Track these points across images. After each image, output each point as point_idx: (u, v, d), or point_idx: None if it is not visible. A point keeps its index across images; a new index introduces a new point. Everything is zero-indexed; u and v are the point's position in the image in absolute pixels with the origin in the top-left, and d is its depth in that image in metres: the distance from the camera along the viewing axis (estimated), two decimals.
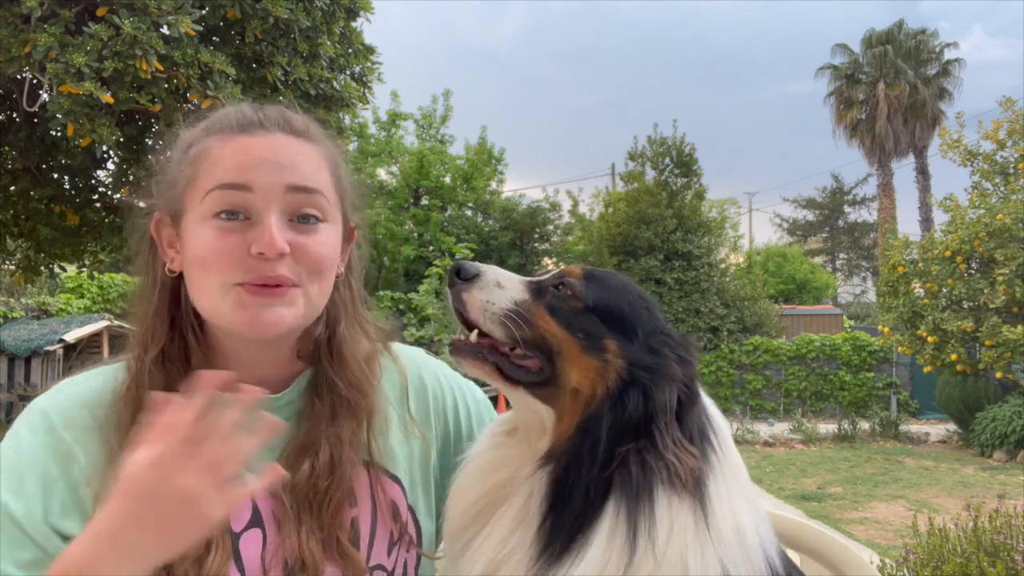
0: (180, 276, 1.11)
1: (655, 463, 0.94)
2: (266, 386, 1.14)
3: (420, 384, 1.29)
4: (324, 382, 1.16)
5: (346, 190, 1.16)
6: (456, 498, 1.10)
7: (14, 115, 6.37)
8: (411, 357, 1.33)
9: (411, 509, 1.20)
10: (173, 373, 1.08)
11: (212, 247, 1.03)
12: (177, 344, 1.11)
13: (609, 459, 0.96)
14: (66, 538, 1.00)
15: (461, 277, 1.07)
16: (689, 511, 0.94)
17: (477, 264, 1.08)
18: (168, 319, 1.11)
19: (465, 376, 1.31)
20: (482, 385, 1.29)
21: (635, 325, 1.05)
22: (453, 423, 1.31)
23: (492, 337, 1.05)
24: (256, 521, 1.08)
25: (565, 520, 0.95)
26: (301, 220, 1.06)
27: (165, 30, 5.19)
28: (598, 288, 1.07)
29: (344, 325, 1.18)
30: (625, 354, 1.02)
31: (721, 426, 1.05)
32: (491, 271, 1.08)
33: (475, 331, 1.07)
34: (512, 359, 1.05)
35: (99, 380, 1.11)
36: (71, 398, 1.09)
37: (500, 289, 1.05)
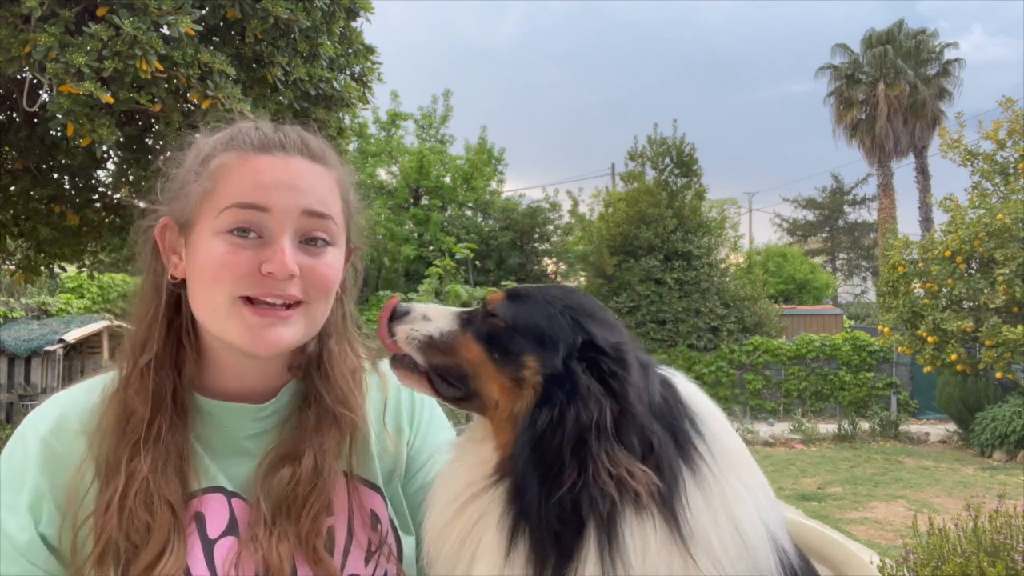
0: (181, 283, 1.13)
1: (596, 489, 0.92)
2: (254, 395, 1.17)
3: (397, 402, 1.31)
4: (312, 394, 1.19)
5: (352, 214, 1.21)
6: (431, 520, 1.11)
7: (14, 115, 6.37)
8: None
9: (392, 520, 1.21)
10: (163, 379, 1.10)
11: (223, 260, 1.05)
12: (170, 350, 1.13)
13: (549, 481, 0.94)
14: (50, 546, 1.03)
15: (395, 316, 1.14)
16: (660, 530, 0.91)
17: (412, 304, 1.16)
18: (165, 325, 1.13)
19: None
20: None
21: (556, 340, 1.03)
22: (422, 441, 1.32)
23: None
24: (231, 529, 1.09)
25: (544, 552, 0.94)
26: (310, 242, 1.10)
27: (165, 30, 5.19)
28: (519, 306, 1.09)
29: (335, 340, 1.22)
30: (544, 370, 1.01)
31: (708, 420, 1.03)
32: (422, 308, 1.15)
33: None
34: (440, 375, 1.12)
35: (89, 390, 1.14)
36: (62, 407, 1.12)
37: (426, 321, 1.12)
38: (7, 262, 7.95)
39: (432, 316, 1.13)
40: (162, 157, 1.38)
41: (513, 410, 1.02)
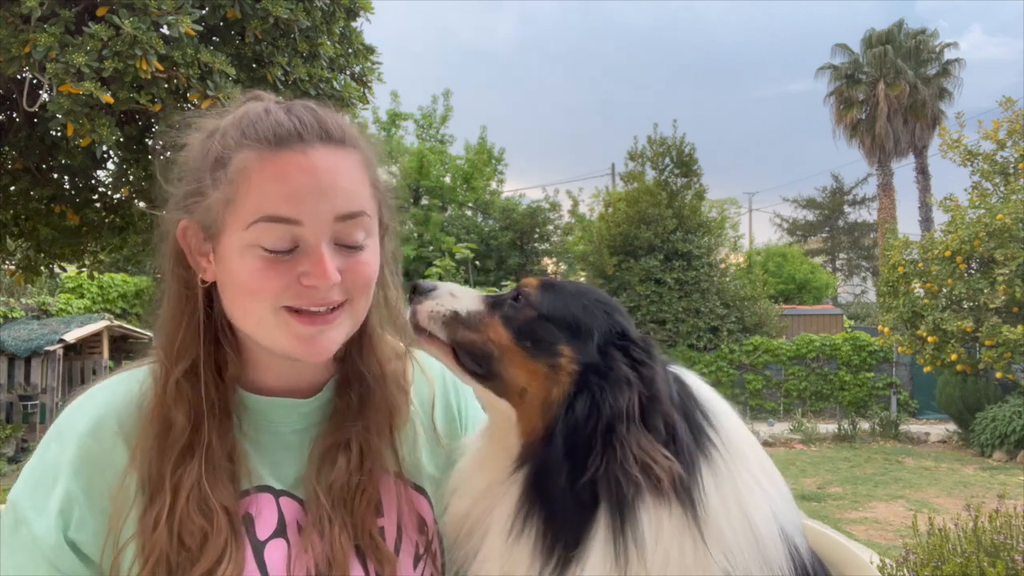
0: (212, 284, 1.08)
1: (622, 473, 0.93)
2: (299, 390, 1.14)
3: (446, 398, 1.29)
4: (352, 375, 1.16)
5: (383, 193, 1.13)
6: (451, 508, 1.12)
7: (14, 115, 6.37)
8: (440, 370, 1.31)
9: (437, 523, 1.19)
10: (204, 383, 1.05)
11: (260, 276, 1.00)
12: (208, 353, 1.07)
13: (577, 466, 0.96)
14: (79, 551, 1.00)
15: (418, 292, 1.13)
16: (675, 517, 0.92)
17: (435, 282, 1.14)
18: (197, 330, 1.07)
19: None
20: None
21: (590, 330, 1.05)
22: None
23: None
24: (281, 530, 1.07)
25: (555, 535, 0.95)
26: (348, 245, 1.05)
27: (165, 30, 5.18)
28: (553, 296, 1.09)
29: (375, 320, 1.17)
30: (579, 358, 1.03)
31: (720, 415, 1.04)
32: (447, 286, 1.13)
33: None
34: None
35: (127, 385, 1.10)
36: (101, 405, 1.07)
37: (452, 298, 1.12)
38: (7, 262, 7.95)
39: (459, 294, 1.13)
40: (160, 150, 1.34)
41: (546, 398, 1.02)
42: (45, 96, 5.41)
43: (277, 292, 1.00)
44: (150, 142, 6.59)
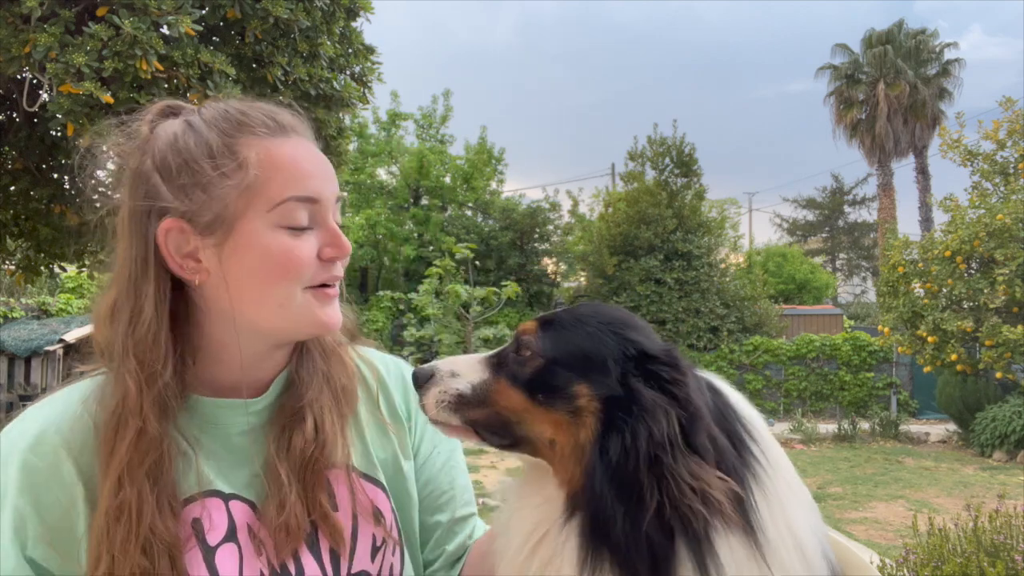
0: (180, 288, 1.07)
1: (685, 507, 0.87)
2: (251, 388, 1.14)
3: (389, 390, 1.29)
4: (304, 352, 1.18)
5: None
6: (501, 572, 1.04)
7: (14, 115, 6.37)
8: (395, 363, 1.34)
9: (395, 513, 1.20)
10: (160, 389, 1.02)
11: (290, 255, 1.04)
12: (168, 360, 1.05)
13: (634, 506, 0.89)
14: (41, 569, 0.97)
15: (418, 383, 1.07)
16: (743, 546, 0.88)
17: (432, 364, 1.08)
18: (164, 336, 1.04)
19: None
20: None
21: (603, 359, 0.98)
22: (423, 429, 1.30)
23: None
24: (231, 535, 1.05)
25: None
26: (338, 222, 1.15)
27: (165, 30, 5.18)
28: (555, 334, 1.02)
29: None
30: (597, 394, 0.96)
31: (756, 425, 0.99)
32: (446, 365, 1.07)
33: None
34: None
35: (65, 400, 1.07)
36: (41, 420, 1.04)
37: (454, 378, 1.06)
38: (7, 262, 7.95)
39: (460, 370, 1.06)
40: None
41: (576, 443, 0.95)
42: (45, 96, 5.42)
43: (306, 270, 1.05)
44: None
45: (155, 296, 1.04)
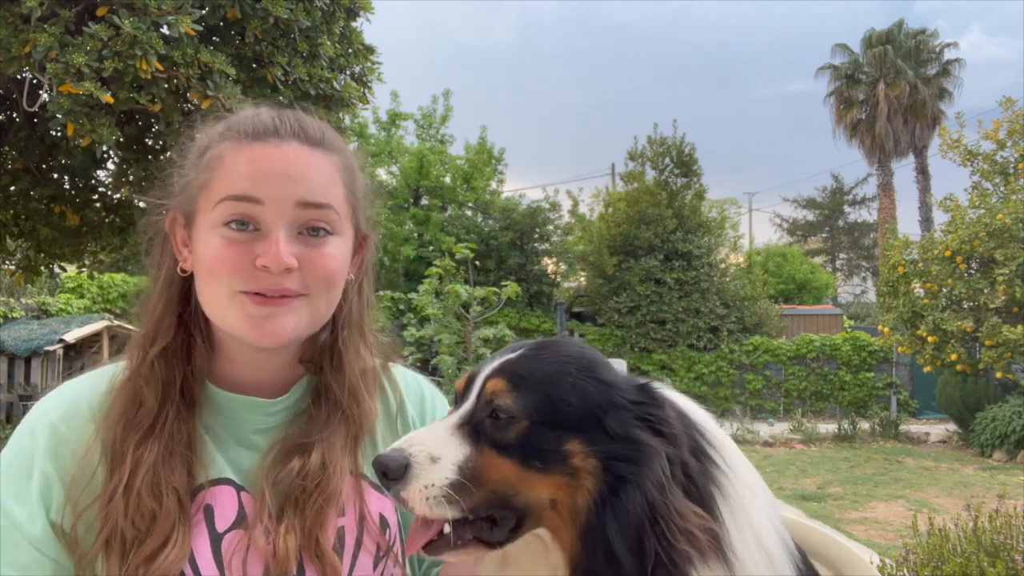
0: (191, 275, 1.13)
1: (673, 551, 0.87)
2: (266, 389, 1.16)
3: (405, 405, 1.29)
4: (323, 387, 1.17)
5: (359, 200, 1.16)
6: None
7: (14, 115, 6.37)
8: (415, 379, 1.34)
9: (400, 524, 1.20)
10: (175, 368, 1.10)
11: (219, 255, 1.04)
12: (182, 341, 1.13)
13: (639, 558, 0.88)
14: (64, 533, 1.02)
15: (391, 477, 0.93)
16: (714, 567, 0.89)
17: (400, 448, 0.94)
18: (176, 316, 1.13)
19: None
20: None
21: (591, 410, 0.93)
22: None
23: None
24: (240, 521, 1.08)
25: None
26: (311, 232, 1.07)
27: (165, 30, 5.18)
28: (531, 391, 0.94)
29: (347, 333, 1.19)
30: (594, 449, 0.91)
31: (713, 432, 0.99)
32: (419, 449, 0.94)
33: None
34: (484, 519, 0.95)
35: (99, 378, 1.13)
36: (71, 395, 1.11)
37: (435, 464, 0.93)
38: (7, 262, 7.96)
39: (438, 452, 0.94)
40: (170, 152, 1.40)
41: (577, 501, 0.91)
42: (45, 96, 5.41)
43: (233, 272, 1.04)
44: (150, 142, 6.59)
45: (164, 278, 1.13)
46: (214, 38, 6.03)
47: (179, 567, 1.01)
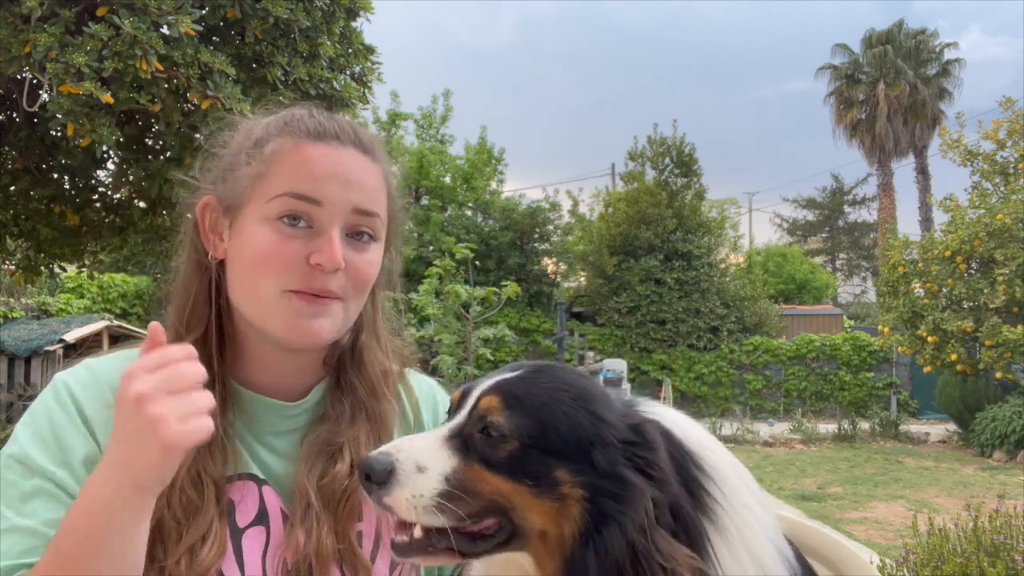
0: (220, 264, 1.12)
1: None
2: (283, 392, 1.16)
3: (420, 409, 1.30)
4: (345, 385, 1.18)
5: (395, 212, 1.20)
6: None
7: (14, 115, 6.37)
8: (428, 384, 1.35)
9: None
10: (209, 358, 1.07)
11: (273, 249, 1.05)
12: (212, 333, 1.11)
13: None
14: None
15: (375, 481, 0.92)
16: None
17: (387, 452, 0.94)
18: (208, 304, 1.12)
19: None
20: None
21: (581, 442, 0.92)
22: None
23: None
24: (261, 519, 1.08)
25: None
26: (356, 236, 1.10)
27: (165, 30, 5.18)
28: (525, 414, 0.93)
29: (366, 334, 1.21)
30: (581, 481, 0.90)
31: (705, 452, 0.97)
32: (406, 455, 0.93)
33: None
34: (465, 532, 0.93)
35: (122, 360, 1.12)
36: (94, 374, 1.09)
37: (421, 474, 0.92)
38: (7, 262, 7.96)
39: (425, 461, 0.93)
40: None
41: (560, 535, 0.90)
42: (45, 96, 5.41)
43: (284, 267, 1.04)
44: (150, 142, 6.58)
45: (193, 263, 1.13)
46: (214, 38, 6.02)
47: (218, 563, 1.00)
